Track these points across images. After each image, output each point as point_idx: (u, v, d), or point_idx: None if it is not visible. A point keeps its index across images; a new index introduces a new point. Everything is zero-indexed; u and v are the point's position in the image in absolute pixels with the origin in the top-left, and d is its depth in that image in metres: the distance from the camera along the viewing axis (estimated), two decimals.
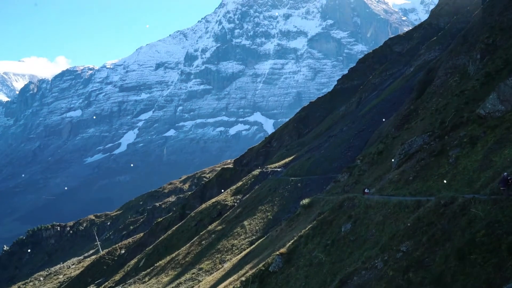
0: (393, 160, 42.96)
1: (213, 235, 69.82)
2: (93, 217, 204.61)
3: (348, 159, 71.09)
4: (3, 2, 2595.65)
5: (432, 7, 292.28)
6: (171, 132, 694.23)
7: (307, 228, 35.55)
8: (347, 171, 56.56)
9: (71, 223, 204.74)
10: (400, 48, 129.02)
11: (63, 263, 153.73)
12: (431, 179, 30.68)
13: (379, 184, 38.78)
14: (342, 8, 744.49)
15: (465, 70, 51.87)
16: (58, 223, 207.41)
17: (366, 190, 36.52)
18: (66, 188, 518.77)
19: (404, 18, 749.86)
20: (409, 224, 23.80)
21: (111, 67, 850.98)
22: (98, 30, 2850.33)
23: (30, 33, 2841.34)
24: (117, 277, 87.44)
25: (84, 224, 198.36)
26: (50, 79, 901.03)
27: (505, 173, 22.24)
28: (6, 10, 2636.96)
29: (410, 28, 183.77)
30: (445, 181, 28.72)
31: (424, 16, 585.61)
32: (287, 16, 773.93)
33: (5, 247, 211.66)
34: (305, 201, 46.95)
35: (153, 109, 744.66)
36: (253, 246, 53.14)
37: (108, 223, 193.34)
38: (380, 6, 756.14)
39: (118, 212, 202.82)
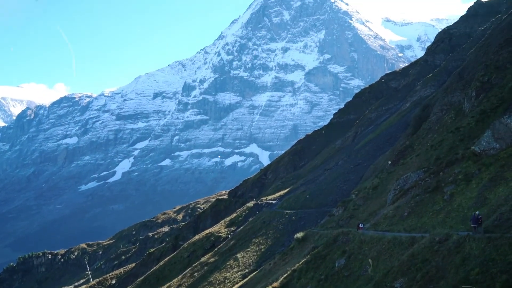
0: (388, 195, 42.91)
1: (205, 267, 69.08)
2: (85, 246, 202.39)
3: (343, 193, 70.97)
4: (5, 28, 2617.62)
5: (428, 44, 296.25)
6: (167, 162, 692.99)
7: (301, 262, 35.27)
8: (342, 205, 56.41)
9: (62, 251, 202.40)
10: (396, 84, 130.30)
11: None
12: (425, 215, 30.62)
13: (374, 219, 38.65)
14: (339, 43, 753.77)
15: (461, 107, 52.32)
16: (49, 251, 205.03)
17: (360, 225, 36.37)
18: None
19: (400, 55, 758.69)
20: (403, 261, 23.67)
21: (109, 95, 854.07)
22: (98, 58, 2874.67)
23: (30, 60, 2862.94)
24: None
25: (76, 253, 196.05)
26: (47, 106, 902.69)
27: (477, 212, 22.99)
28: (7, 35, 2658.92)
29: (406, 64, 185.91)
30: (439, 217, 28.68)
31: (420, 53, 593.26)
32: (285, 50, 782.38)
33: None
34: (299, 234, 46.69)
35: (149, 138, 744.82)
36: (246, 279, 52.56)
37: (100, 252, 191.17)
38: (377, 42, 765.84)
39: (111, 241, 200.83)
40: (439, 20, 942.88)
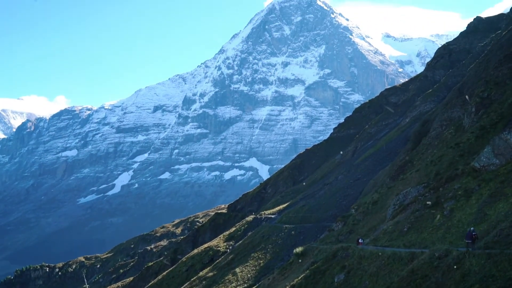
0: (388, 210, 42.82)
1: (204, 282, 68.68)
2: (83, 259, 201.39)
3: (342, 208, 70.82)
4: (7, 40, 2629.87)
5: (428, 60, 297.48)
6: (166, 175, 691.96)
7: (300, 278, 35.07)
8: (342, 220, 56.26)
9: (60, 264, 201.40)
10: (396, 99, 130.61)
11: None
12: (425, 231, 30.52)
13: (374, 235, 38.52)
14: (339, 58, 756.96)
15: (460, 123, 52.39)
16: (47, 264, 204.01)
17: (360, 240, 36.23)
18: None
19: (400, 70, 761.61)
20: (403, 276, 23.54)
21: (109, 108, 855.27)
22: (98, 71, 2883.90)
23: (31, 72, 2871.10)
24: None
25: (74, 266, 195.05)
26: (48, 118, 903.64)
27: (471, 228, 22.98)
28: (9, 47, 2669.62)
29: (406, 79, 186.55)
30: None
31: (420, 69, 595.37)
32: (285, 64, 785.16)
33: None
34: (299, 249, 46.47)
35: (149, 151, 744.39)
36: None
37: (98, 266, 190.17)
38: (377, 57, 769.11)
39: (109, 254, 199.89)
40: (439, 36, 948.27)
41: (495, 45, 67.35)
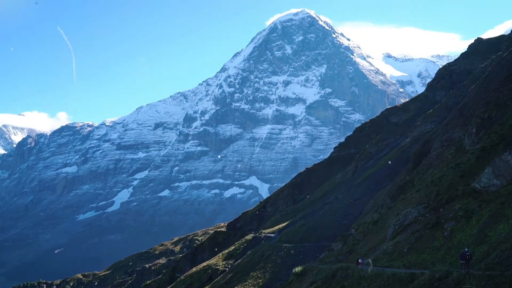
0: (388, 230, 42.62)
1: None
2: (81, 276, 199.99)
3: (342, 227, 70.50)
4: (8, 55, 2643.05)
5: (428, 80, 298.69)
6: (166, 192, 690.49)
7: None
8: (341, 240, 55.97)
9: (58, 281, 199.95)
10: (397, 119, 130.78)
11: None
12: (425, 252, 30.35)
13: (373, 255, 38.28)
14: (340, 77, 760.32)
15: (461, 144, 52.38)
16: (44, 281, 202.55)
17: (360, 261, 36.01)
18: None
19: (401, 90, 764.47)
20: None
21: (110, 124, 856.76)
22: (100, 88, 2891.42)
23: (32, 88, 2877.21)
24: None
25: (71, 283, 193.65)
26: (48, 134, 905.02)
27: (466, 249, 22.92)
28: (10, 63, 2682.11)
29: (407, 99, 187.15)
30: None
31: (420, 89, 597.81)
32: (286, 83, 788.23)
33: None
34: (298, 269, 46.21)
35: (149, 169, 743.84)
36: None
37: (96, 283, 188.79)
38: (378, 77, 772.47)
39: (107, 272, 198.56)
40: (440, 56, 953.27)
41: (495, 66, 67.65)
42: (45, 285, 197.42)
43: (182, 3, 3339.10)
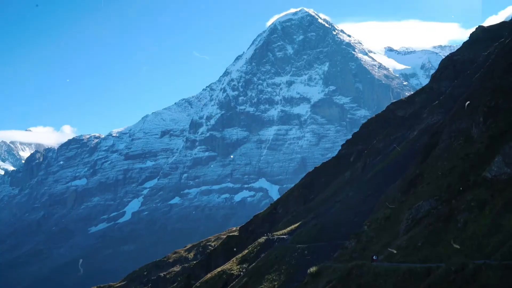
0: (401, 225, 42.41)
1: None
2: None
3: (355, 225, 70.15)
4: (10, 73, 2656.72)
5: (432, 71, 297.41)
6: (176, 200, 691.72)
7: None
8: (355, 238, 55.73)
9: None
10: (403, 112, 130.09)
11: None
12: (440, 245, 30.13)
13: (388, 251, 38.07)
14: (343, 74, 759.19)
15: (469, 133, 52.05)
16: None
17: (374, 257, 35.83)
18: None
19: (405, 83, 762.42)
20: None
21: (117, 135, 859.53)
22: (103, 99, 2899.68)
23: (36, 103, 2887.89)
24: None
25: None
26: (56, 148, 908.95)
27: None
28: (13, 80, 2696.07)
29: (412, 92, 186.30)
30: (456, 246, 28.18)
31: (425, 81, 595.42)
32: (290, 83, 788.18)
33: None
34: (313, 269, 46.03)
35: (158, 177, 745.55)
36: None
37: None
38: (381, 72, 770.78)
39: (122, 283, 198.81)
40: (442, 47, 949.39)
41: (499, 54, 67.27)
42: None
43: (181, 10, 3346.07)
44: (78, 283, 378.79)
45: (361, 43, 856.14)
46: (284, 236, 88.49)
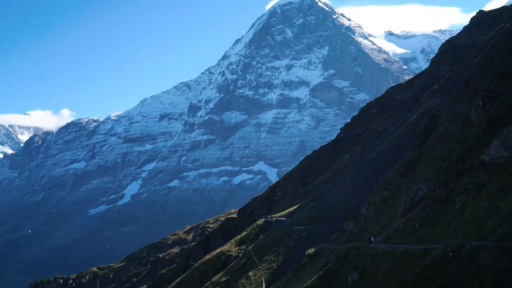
0: (398, 207, 42.71)
1: (217, 287, 68.74)
2: (96, 269, 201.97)
3: (353, 207, 70.61)
4: (9, 56, 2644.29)
5: (432, 56, 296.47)
6: (175, 183, 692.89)
7: (313, 279, 35.02)
8: (353, 220, 56.15)
9: (74, 276, 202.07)
10: (402, 96, 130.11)
11: None
12: (437, 227, 30.40)
13: (385, 232, 38.42)
14: (343, 58, 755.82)
15: (468, 117, 52.16)
16: (60, 276, 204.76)
17: (372, 239, 36.14)
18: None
19: (405, 67, 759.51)
20: (417, 273, 23.46)
21: (116, 118, 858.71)
22: (102, 83, 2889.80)
23: (35, 87, 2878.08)
24: None
25: (87, 277, 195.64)
26: (54, 132, 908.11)
27: None
28: (12, 64, 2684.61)
29: (411, 76, 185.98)
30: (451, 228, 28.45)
31: (424, 65, 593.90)
32: (289, 67, 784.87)
33: None
34: (311, 250, 46.43)
35: (157, 160, 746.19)
36: None
37: (111, 275, 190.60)
38: (381, 55, 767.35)
39: (121, 264, 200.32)
40: (442, 31, 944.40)
41: (499, 38, 67.10)
42: (61, 280, 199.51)
43: None
44: (78, 264, 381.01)
45: (361, 27, 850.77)
46: (283, 218, 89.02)
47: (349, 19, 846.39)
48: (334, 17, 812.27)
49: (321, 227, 69.87)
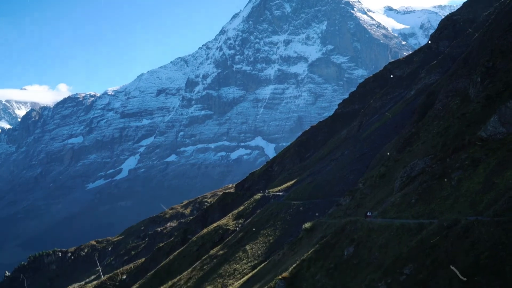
0: (395, 183, 42.87)
1: (215, 260, 69.37)
2: (95, 243, 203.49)
3: (350, 182, 70.92)
4: (6, 31, 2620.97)
5: (431, 31, 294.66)
6: (173, 158, 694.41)
7: (310, 252, 35.30)
8: (349, 195, 56.39)
9: (72, 249, 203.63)
10: (401, 72, 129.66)
11: None
12: (433, 202, 30.53)
13: (382, 207, 38.62)
14: (342, 33, 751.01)
15: (466, 93, 52.01)
16: (59, 249, 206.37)
17: (368, 213, 36.31)
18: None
19: (403, 43, 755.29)
20: (412, 247, 23.65)
21: (113, 94, 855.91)
22: (99, 58, 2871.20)
23: (32, 61, 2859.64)
24: None
25: (86, 250, 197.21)
26: (52, 107, 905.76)
27: None
28: (9, 38, 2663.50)
29: (410, 52, 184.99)
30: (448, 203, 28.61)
31: (423, 41, 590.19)
32: (287, 42, 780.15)
33: (7, 273, 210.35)
34: (307, 224, 46.71)
35: (155, 135, 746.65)
36: (255, 270, 52.73)
37: (110, 249, 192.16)
38: (380, 31, 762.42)
39: (120, 237, 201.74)
40: (442, 7, 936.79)
41: (499, 14, 66.57)
42: (60, 253, 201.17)
43: None
44: (77, 238, 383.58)
45: (360, 2, 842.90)
46: (280, 193, 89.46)
47: None
48: None
49: (318, 201, 70.26)
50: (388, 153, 62.58)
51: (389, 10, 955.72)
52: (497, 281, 16.93)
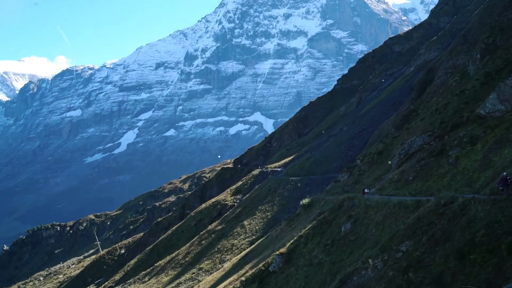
0: (393, 160, 42.95)
1: (213, 235, 69.84)
2: (93, 217, 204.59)
3: (348, 159, 71.03)
4: (3, 2, 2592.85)
5: (432, 7, 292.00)
6: (171, 132, 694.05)
7: (307, 228, 35.53)
8: (347, 171, 56.53)
9: (71, 223, 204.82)
10: (400, 48, 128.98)
11: (63, 262, 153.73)
12: (431, 179, 30.57)
13: (379, 184, 38.71)
14: (342, 8, 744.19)
15: (465, 70, 51.76)
16: (58, 223, 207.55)
17: (366, 190, 36.43)
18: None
19: (404, 18, 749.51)
20: (409, 224, 23.78)
21: (111, 66, 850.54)
22: (98, 30, 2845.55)
23: (30, 33, 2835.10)
24: (117, 277, 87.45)
25: (84, 224, 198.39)
26: (50, 79, 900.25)
27: (504, 173, 22.07)
28: (6, 9, 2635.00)
29: (410, 28, 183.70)
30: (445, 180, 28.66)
31: (424, 16, 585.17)
32: (287, 16, 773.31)
33: (5, 247, 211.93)
34: (305, 201, 46.90)
35: (153, 109, 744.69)
36: (253, 246, 53.12)
37: (108, 223, 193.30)
38: (380, 6, 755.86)
39: (118, 212, 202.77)
40: None
41: None
42: (58, 227, 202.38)
43: None
44: (75, 212, 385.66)
45: None
46: (278, 169, 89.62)
47: None
48: None
49: (316, 178, 70.44)
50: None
51: None
52: (493, 259, 17.05)
